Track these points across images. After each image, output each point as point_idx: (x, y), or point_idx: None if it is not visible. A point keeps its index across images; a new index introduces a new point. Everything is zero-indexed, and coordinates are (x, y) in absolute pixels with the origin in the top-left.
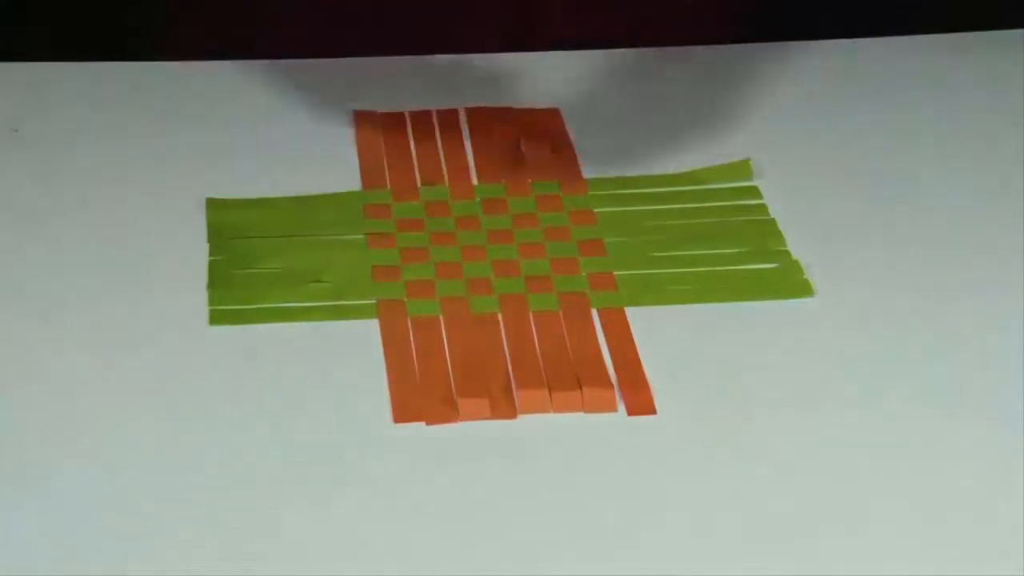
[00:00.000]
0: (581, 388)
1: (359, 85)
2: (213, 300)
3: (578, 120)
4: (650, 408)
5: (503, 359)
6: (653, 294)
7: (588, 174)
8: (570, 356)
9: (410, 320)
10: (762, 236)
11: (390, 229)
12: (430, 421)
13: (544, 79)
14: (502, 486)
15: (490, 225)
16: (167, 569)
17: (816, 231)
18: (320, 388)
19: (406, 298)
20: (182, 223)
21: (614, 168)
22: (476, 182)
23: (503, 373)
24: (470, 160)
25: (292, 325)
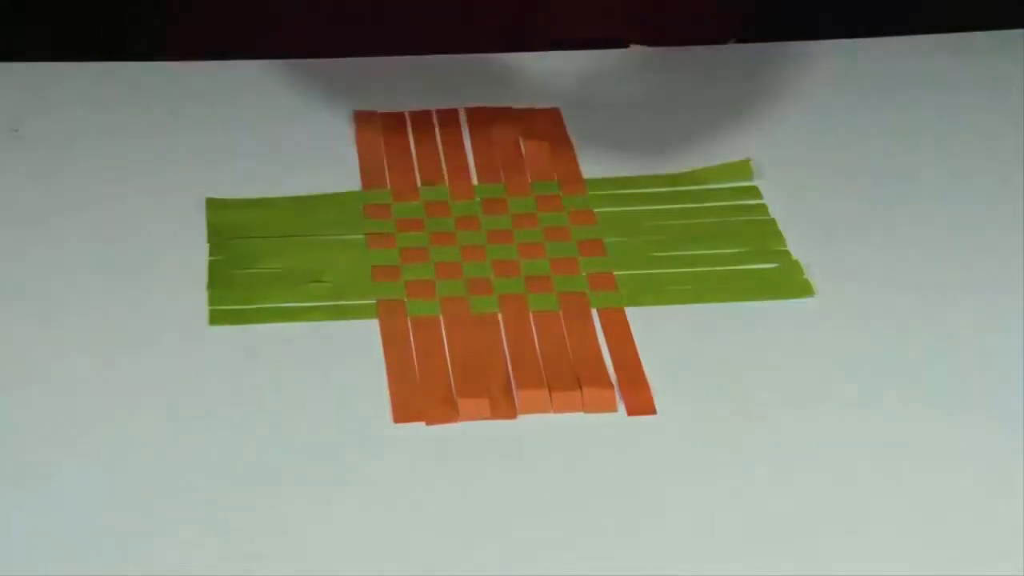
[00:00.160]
0: (581, 388)
1: (359, 85)
2: (213, 300)
3: (578, 120)
4: (650, 408)
5: (503, 359)
6: (653, 294)
7: (588, 174)
8: (570, 356)
9: (410, 320)
10: (762, 236)
11: (390, 229)
12: (430, 421)
13: (544, 79)
14: (502, 486)
15: (490, 225)
16: (167, 569)
17: (816, 231)
18: (320, 388)
19: (406, 298)
20: (182, 223)
21: (614, 168)
22: (476, 182)
23: (503, 373)
24: (470, 160)
25: (292, 325)
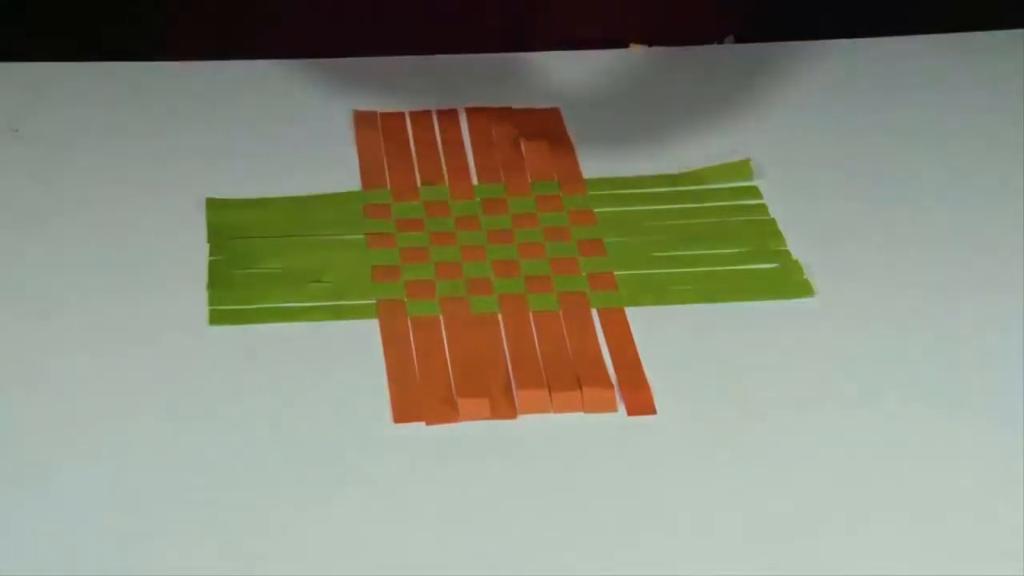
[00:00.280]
0: (581, 388)
1: (359, 85)
2: (213, 300)
3: (578, 120)
4: (650, 408)
5: (503, 359)
6: (653, 294)
7: (588, 174)
8: (570, 356)
9: (410, 320)
10: (762, 236)
11: (390, 229)
12: (430, 421)
13: (544, 79)
14: (502, 486)
15: (490, 225)
16: (167, 569)
17: (816, 231)
18: (320, 388)
19: (406, 298)
20: (182, 223)
21: (614, 168)
22: (476, 182)
23: (503, 373)
24: (470, 160)
25: (292, 325)
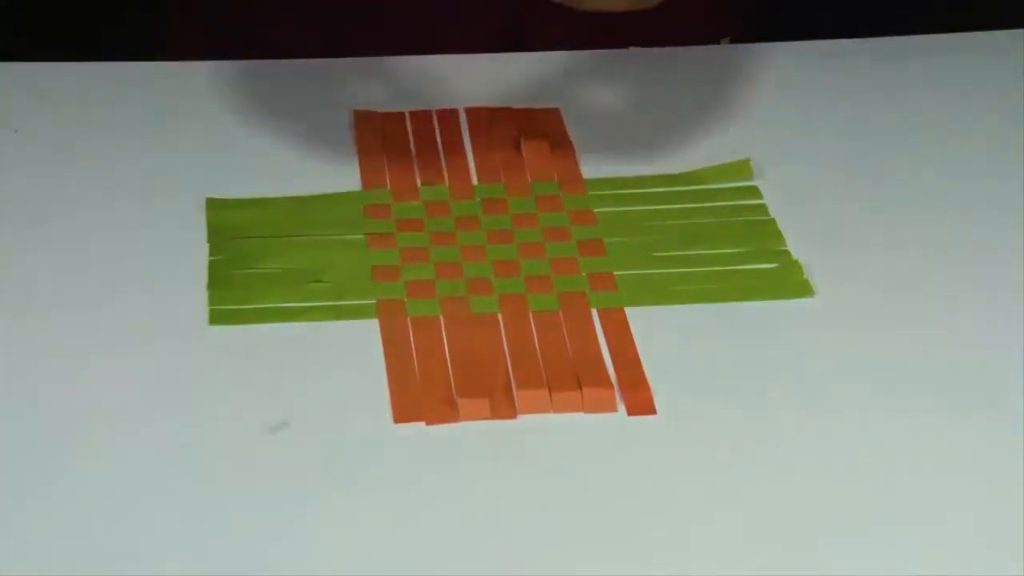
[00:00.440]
0: (581, 388)
1: (359, 85)
2: (213, 300)
3: (578, 120)
4: (650, 408)
5: (503, 359)
6: (653, 294)
7: (588, 174)
8: (570, 356)
9: (410, 320)
10: (762, 236)
11: (390, 229)
12: (430, 421)
13: (544, 79)
14: (502, 486)
15: (490, 225)
16: (166, 569)
17: (816, 231)
18: (320, 388)
19: (406, 298)
20: (182, 223)
21: (614, 168)
22: (476, 182)
23: (503, 373)
24: (470, 160)
25: (292, 325)
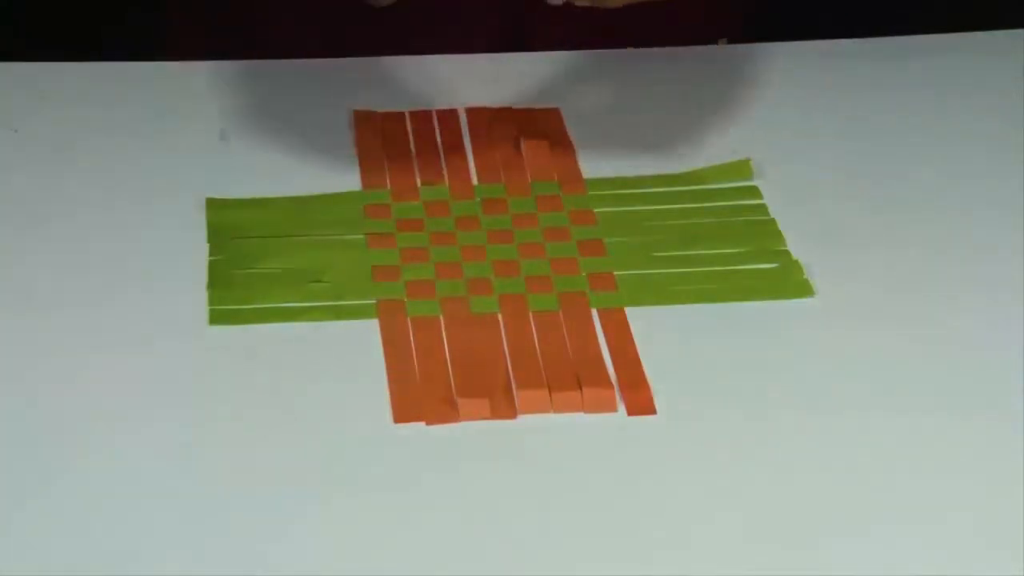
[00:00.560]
0: (581, 388)
1: (359, 85)
2: (213, 300)
3: (578, 120)
4: (650, 408)
5: (503, 359)
6: (653, 294)
7: (588, 174)
8: (570, 356)
9: (410, 320)
10: (762, 236)
11: (390, 229)
12: (430, 421)
13: (544, 79)
14: (502, 486)
15: (490, 225)
16: (166, 569)
17: (816, 231)
18: (320, 388)
19: (406, 298)
20: (182, 223)
21: (614, 168)
22: (476, 182)
23: (503, 373)
24: (470, 160)
25: (292, 325)
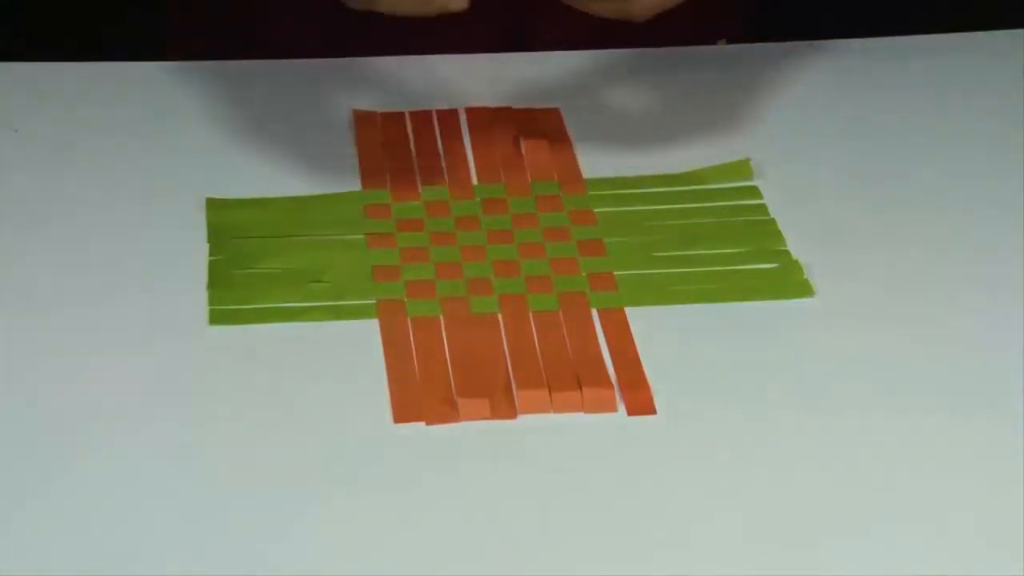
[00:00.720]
0: (581, 388)
1: (359, 85)
2: (213, 300)
3: (578, 120)
4: (650, 408)
5: (503, 359)
6: (653, 294)
7: (588, 174)
8: (570, 356)
9: (410, 320)
10: (762, 236)
11: (390, 229)
12: (430, 421)
13: (544, 79)
14: (502, 486)
15: (490, 225)
16: (166, 569)
17: (816, 231)
18: (320, 388)
19: (406, 298)
20: (182, 223)
21: (614, 168)
22: (476, 182)
23: (503, 373)
24: (470, 160)
25: (292, 325)
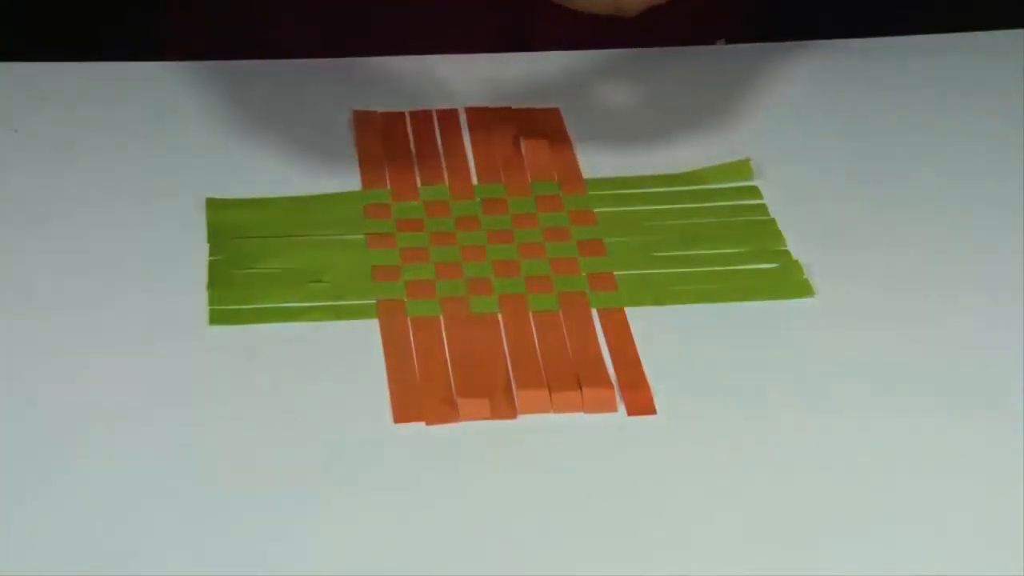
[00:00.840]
0: (581, 388)
1: (359, 85)
2: (213, 300)
3: (578, 120)
4: (650, 408)
5: (503, 359)
6: (653, 294)
7: (588, 174)
8: (570, 356)
9: (410, 320)
10: (762, 236)
11: (390, 229)
12: (430, 421)
13: (544, 79)
14: (502, 486)
15: (490, 225)
16: (166, 569)
17: (816, 231)
18: (320, 388)
19: (406, 298)
20: (182, 223)
21: (614, 168)
22: (476, 182)
23: (503, 373)
24: (470, 160)
25: (292, 325)
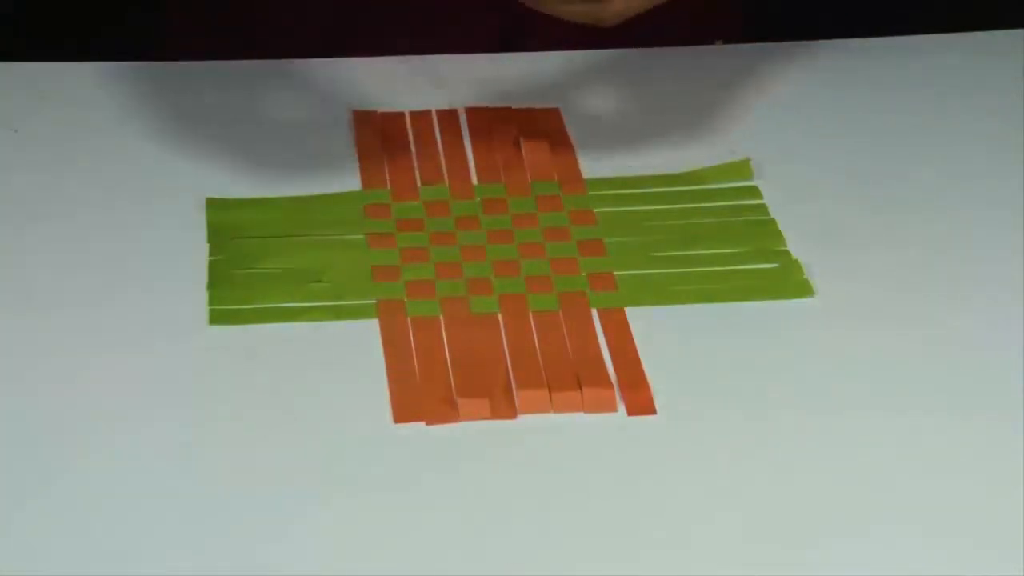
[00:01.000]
0: (581, 388)
1: (359, 85)
2: (213, 300)
3: (578, 120)
4: (650, 408)
5: (503, 359)
6: (653, 294)
7: (588, 174)
8: (570, 356)
9: (410, 320)
10: (762, 236)
11: (390, 229)
12: (430, 421)
13: (544, 79)
14: (502, 486)
15: (490, 225)
16: (166, 569)
17: (816, 231)
18: (320, 388)
19: (406, 298)
20: (182, 223)
21: (614, 168)
22: (476, 182)
23: (503, 373)
24: (470, 160)
25: (292, 325)
